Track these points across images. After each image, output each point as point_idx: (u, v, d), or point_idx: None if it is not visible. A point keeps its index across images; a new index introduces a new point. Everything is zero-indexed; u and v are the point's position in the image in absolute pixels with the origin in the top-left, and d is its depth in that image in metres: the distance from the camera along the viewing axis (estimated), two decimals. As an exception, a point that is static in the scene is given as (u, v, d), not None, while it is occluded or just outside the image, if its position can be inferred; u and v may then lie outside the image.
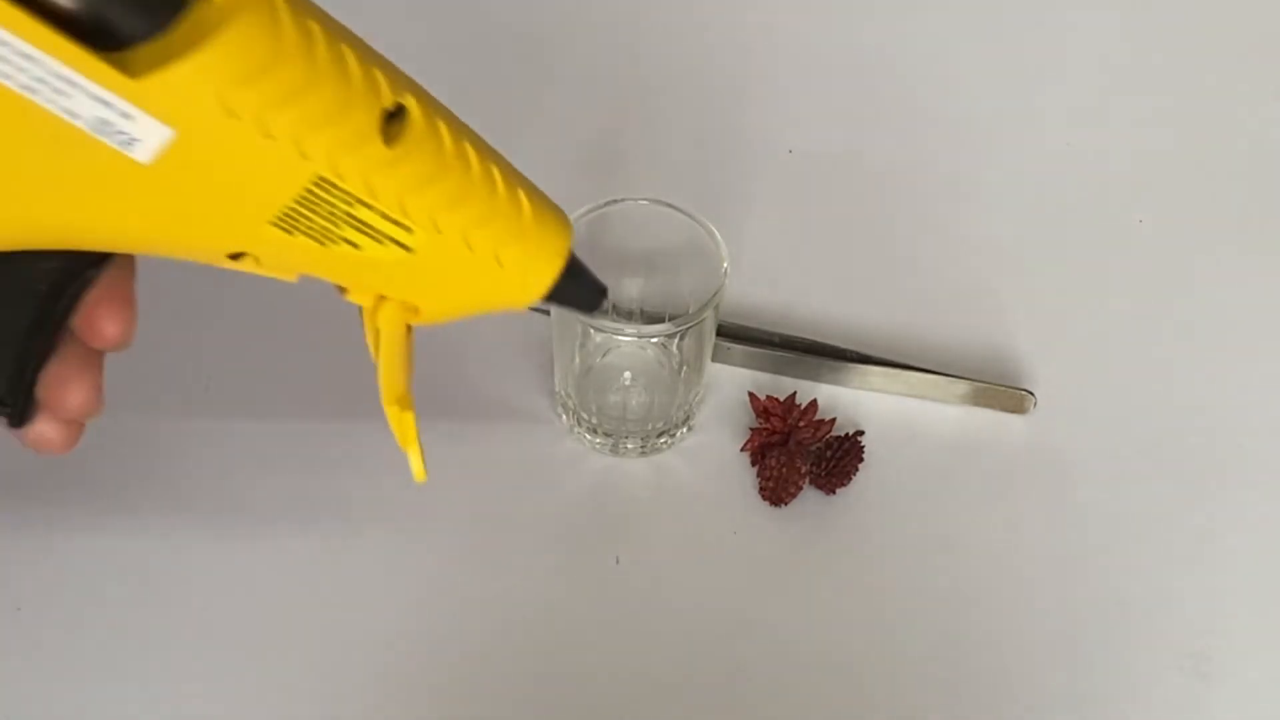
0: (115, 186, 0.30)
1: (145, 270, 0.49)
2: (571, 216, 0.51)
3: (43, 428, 0.36)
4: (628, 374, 0.57)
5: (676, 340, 0.54)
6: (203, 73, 0.28)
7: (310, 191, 0.31)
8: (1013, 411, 0.57)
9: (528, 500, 0.54)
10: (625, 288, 0.56)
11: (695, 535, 0.53)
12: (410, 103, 0.32)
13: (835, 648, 0.50)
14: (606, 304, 0.55)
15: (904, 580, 0.52)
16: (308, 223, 0.32)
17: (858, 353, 0.57)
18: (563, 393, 0.55)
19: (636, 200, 0.52)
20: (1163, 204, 0.66)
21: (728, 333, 0.58)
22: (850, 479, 0.54)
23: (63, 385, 0.35)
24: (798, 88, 0.70)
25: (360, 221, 0.32)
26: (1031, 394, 0.56)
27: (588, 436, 0.55)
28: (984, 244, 0.64)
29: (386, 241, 0.33)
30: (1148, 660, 0.51)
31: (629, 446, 0.55)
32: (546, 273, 0.36)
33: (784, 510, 0.54)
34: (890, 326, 0.59)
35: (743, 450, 0.55)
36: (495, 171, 0.34)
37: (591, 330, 0.53)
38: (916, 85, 0.71)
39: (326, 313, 0.59)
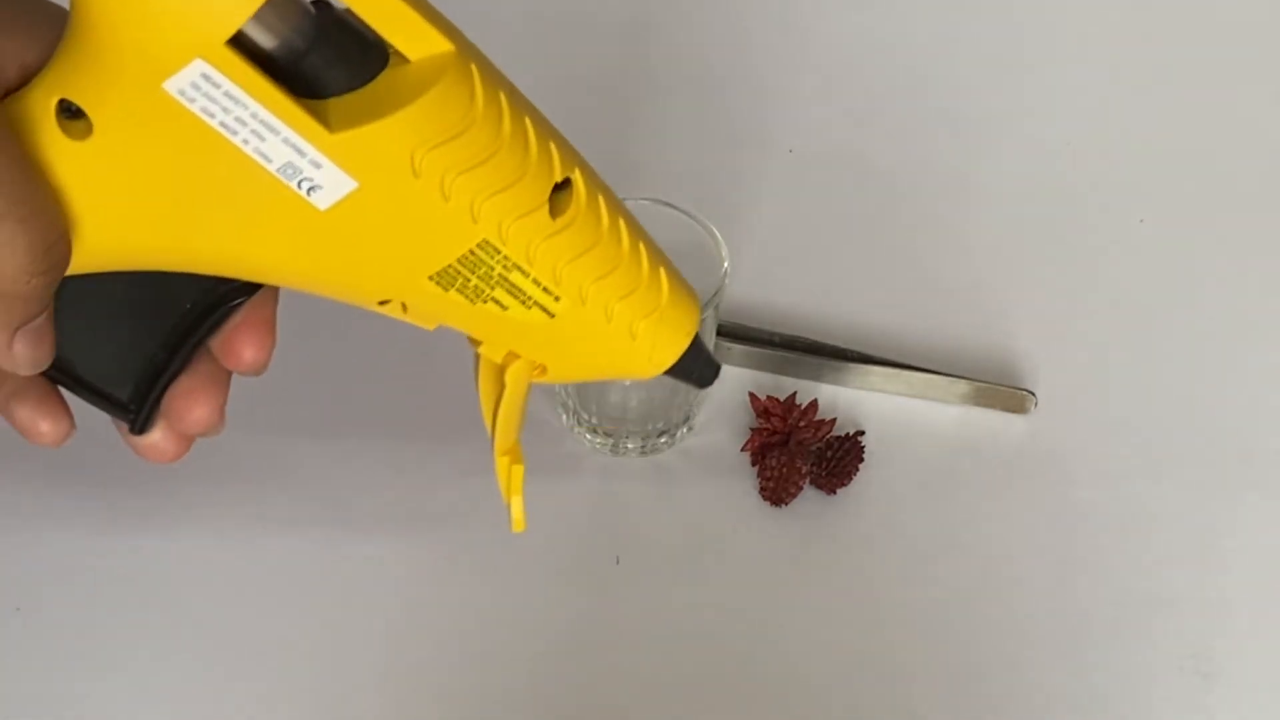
0: (289, 227, 0.31)
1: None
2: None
3: (158, 438, 0.37)
4: None
5: None
6: (398, 133, 0.29)
7: (473, 253, 0.32)
8: (1013, 411, 0.57)
9: (528, 500, 0.54)
10: None
11: (695, 535, 0.53)
12: (577, 177, 0.33)
13: (835, 647, 0.50)
14: None
15: (904, 580, 0.52)
16: (464, 281, 0.33)
17: (858, 353, 0.57)
18: (563, 393, 0.55)
19: (637, 200, 0.52)
20: (1164, 203, 0.66)
21: (728, 333, 0.58)
22: (850, 479, 0.54)
23: (190, 400, 0.36)
24: (798, 88, 0.70)
25: (513, 285, 0.33)
26: (1032, 394, 0.56)
27: (588, 436, 0.55)
28: (984, 244, 0.63)
29: (533, 306, 0.34)
30: (1148, 660, 0.51)
31: (629, 446, 0.55)
32: (673, 348, 0.37)
33: (784, 510, 0.54)
34: (890, 326, 0.59)
35: (743, 450, 0.55)
36: (643, 249, 0.35)
37: None
38: (917, 85, 0.71)
39: (333, 319, 0.59)
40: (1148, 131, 0.69)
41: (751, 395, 0.56)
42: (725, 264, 0.51)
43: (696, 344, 0.38)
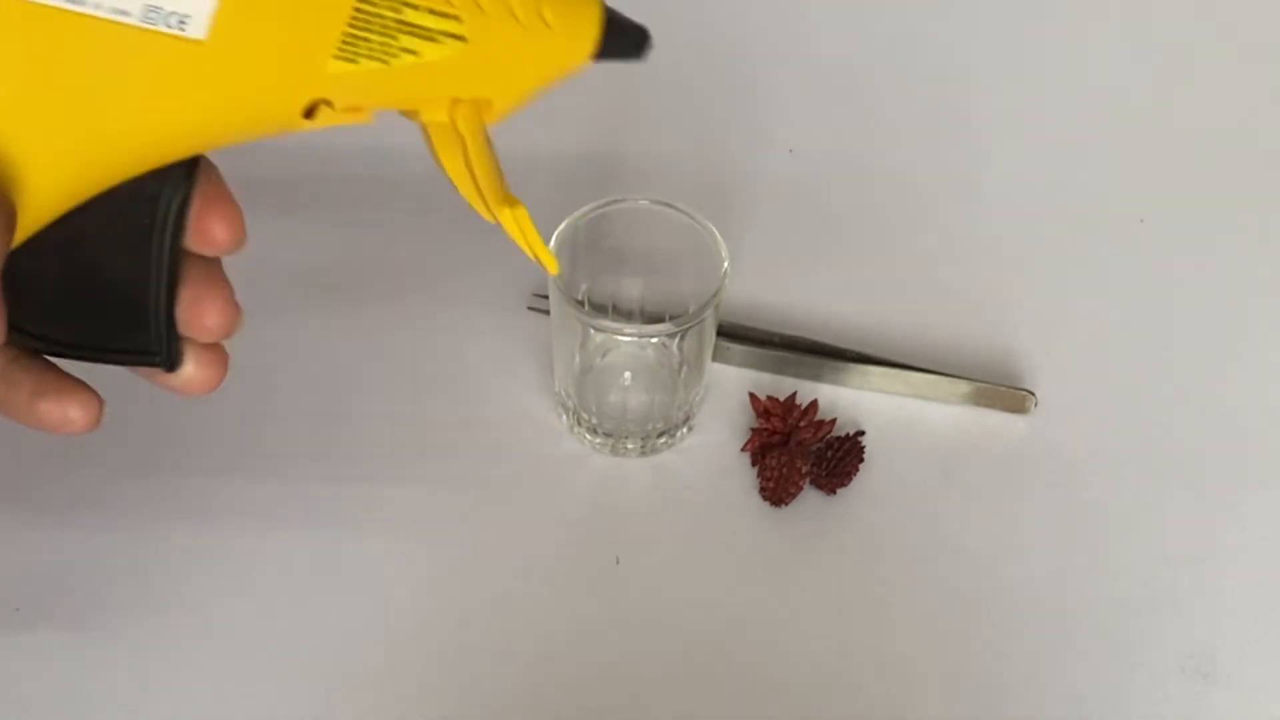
0: (183, 74, 0.30)
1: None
2: (571, 216, 0.52)
3: (190, 370, 0.36)
4: (628, 374, 0.57)
5: (676, 340, 0.54)
6: None
7: (358, 9, 0.32)
8: (1013, 411, 0.57)
9: (528, 500, 0.54)
10: (625, 288, 0.56)
11: (695, 535, 0.53)
12: None
13: (835, 648, 0.50)
14: (606, 302, 0.55)
15: (904, 580, 0.52)
16: (366, 44, 0.32)
17: (858, 353, 0.57)
18: (563, 393, 0.55)
19: (636, 200, 0.52)
20: (1164, 203, 0.66)
21: (728, 333, 0.58)
22: (850, 479, 0.54)
23: (198, 309, 0.35)
24: (798, 88, 0.70)
25: (411, 25, 0.33)
26: (1032, 394, 0.56)
27: (588, 436, 0.55)
28: (984, 244, 0.64)
29: (441, 38, 0.33)
30: (1148, 660, 0.51)
31: (629, 446, 0.55)
32: (590, 22, 0.37)
33: (784, 510, 0.54)
34: (890, 326, 0.59)
35: (743, 450, 0.55)
36: None
37: (591, 330, 0.53)
38: (917, 85, 0.71)
39: (329, 315, 0.59)
40: (1148, 131, 0.69)
41: (751, 395, 0.56)
42: (725, 264, 0.51)
43: (611, 14, 0.37)
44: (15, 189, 0.30)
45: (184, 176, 0.33)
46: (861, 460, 0.54)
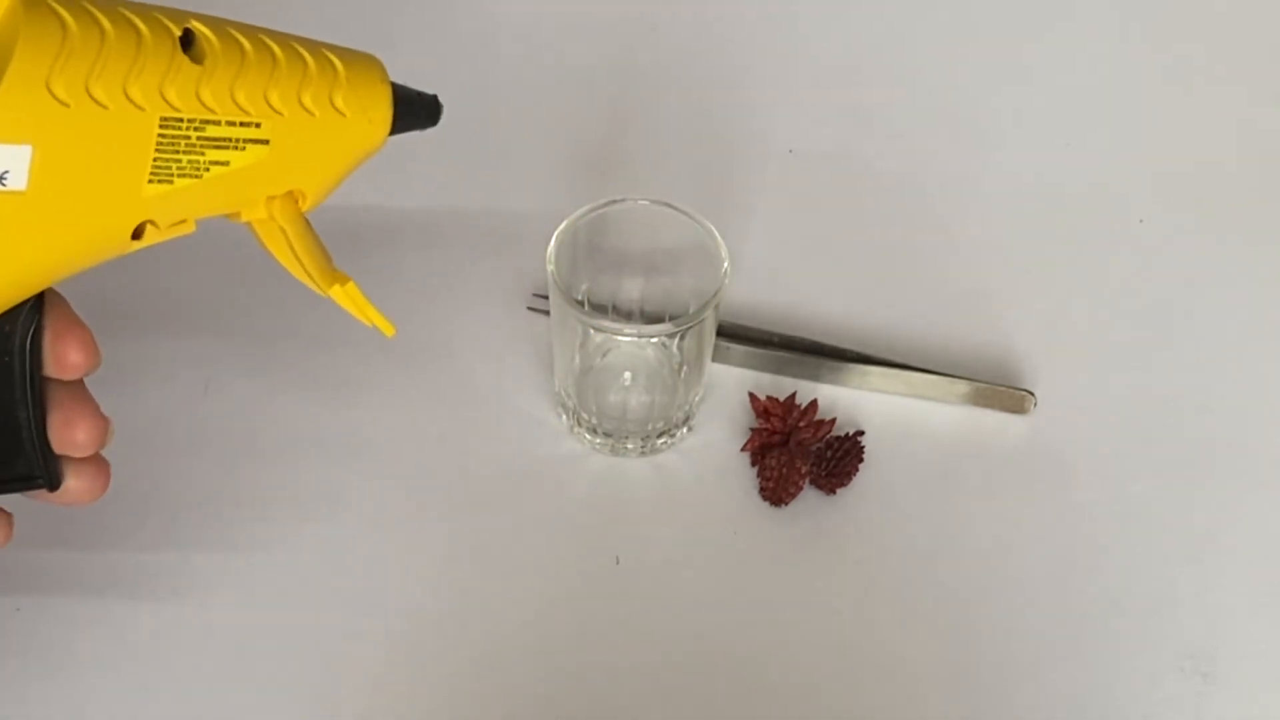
0: (11, 224, 0.32)
1: (144, 276, 0.49)
2: (571, 217, 0.52)
3: (71, 484, 0.38)
4: (628, 374, 0.57)
5: (676, 340, 0.54)
6: (22, 80, 0.31)
7: (162, 135, 0.34)
8: (1013, 412, 0.57)
9: (528, 500, 0.54)
10: (625, 288, 0.56)
11: (695, 535, 0.53)
12: (194, 25, 0.35)
13: (835, 648, 0.50)
14: (606, 302, 0.55)
15: (904, 580, 0.52)
16: (177, 164, 0.34)
17: (858, 353, 0.57)
18: (562, 393, 0.55)
19: (636, 200, 0.52)
20: (1164, 203, 0.66)
21: (728, 333, 0.58)
22: (850, 479, 0.54)
23: (69, 429, 0.37)
24: (798, 88, 0.70)
25: (215, 139, 0.35)
26: (1031, 394, 0.56)
27: (587, 436, 0.55)
28: (984, 244, 0.64)
29: (245, 145, 0.35)
30: (1148, 660, 0.51)
31: (629, 446, 0.55)
32: (380, 104, 0.39)
33: (784, 510, 0.54)
34: (890, 327, 0.59)
35: (743, 450, 0.55)
36: (295, 45, 0.37)
37: (591, 330, 0.53)
38: (916, 85, 0.71)
39: (325, 314, 0.59)
40: (1148, 131, 0.69)
41: (751, 395, 0.56)
42: (725, 264, 0.51)
43: (400, 91, 0.39)
44: None
45: (32, 310, 0.35)
46: (861, 460, 0.54)
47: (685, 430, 0.56)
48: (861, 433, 0.55)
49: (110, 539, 0.52)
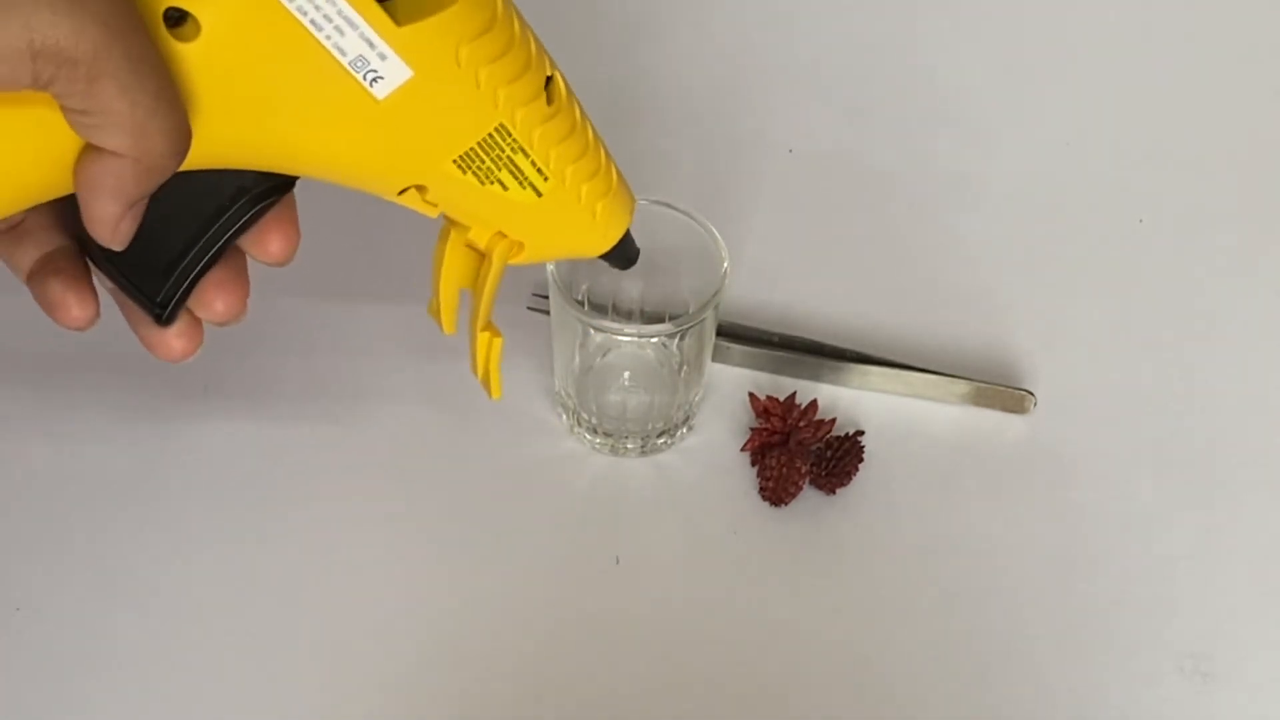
0: (348, 118, 0.35)
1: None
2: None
3: (173, 332, 0.39)
4: (627, 374, 0.57)
5: (676, 340, 0.54)
6: (449, 27, 0.35)
7: (490, 136, 0.38)
8: (1013, 411, 0.57)
9: (528, 500, 0.54)
10: (625, 288, 0.56)
11: (695, 535, 0.53)
12: (557, 74, 0.39)
13: (835, 648, 0.50)
14: (605, 302, 0.55)
15: (904, 580, 0.52)
16: (478, 163, 0.38)
17: (857, 352, 0.57)
18: (563, 393, 0.55)
19: (637, 200, 0.52)
20: (1163, 204, 0.66)
21: (728, 333, 0.58)
22: (850, 479, 0.54)
23: (217, 292, 0.39)
24: (798, 88, 0.70)
25: (516, 166, 0.39)
26: (1031, 394, 0.56)
27: (587, 436, 0.55)
28: (984, 243, 0.64)
29: (527, 186, 0.40)
30: (1148, 660, 0.51)
31: (629, 446, 0.55)
32: (619, 227, 0.44)
33: (784, 510, 0.54)
34: (890, 327, 0.59)
35: (743, 450, 0.55)
36: (600, 142, 0.42)
37: (591, 330, 0.53)
38: (916, 85, 0.71)
39: (324, 317, 0.59)
40: (1148, 131, 0.69)
41: (751, 395, 0.56)
42: (725, 264, 0.51)
43: (629, 233, 0.45)
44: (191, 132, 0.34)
45: (278, 188, 0.38)
46: (861, 460, 0.54)
47: (685, 430, 0.56)
48: (861, 433, 0.55)
49: (110, 539, 0.52)
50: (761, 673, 0.50)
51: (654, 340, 0.56)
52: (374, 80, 0.34)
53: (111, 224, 0.33)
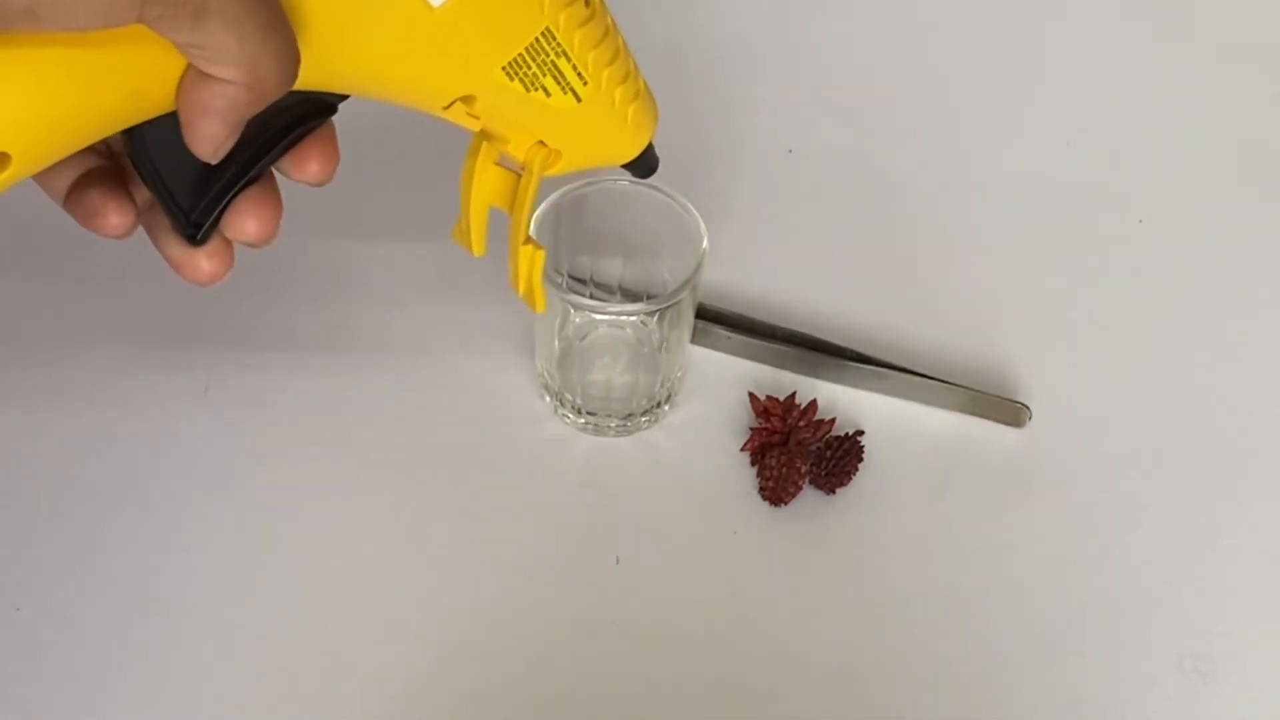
0: (403, 28, 0.36)
1: (145, 276, 0.49)
2: (551, 198, 0.52)
3: (202, 252, 0.39)
4: (608, 356, 0.57)
5: (656, 319, 0.54)
6: None
7: (537, 40, 0.39)
8: (1008, 424, 0.57)
9: (523, 494, 0.54)
10: (605, 268, 0.56)
11: (695, 535, 0.53)
12: None
13: (835, 648, 0.50)
14: (585, 281, 0.57)
15: (904, 580, 0.52)
16: (525, 69, 0.39)
17: (857, 352, 0.57)
18: (545, 375, 0.55)
19: (615, 181, 0.52)
20: (1164, 203, 0.66)
21: (731, 323, 0.58)
22: (850, 479, 0.54)
23: (251, 213, 0.39)
24: (798, 88, 0.70)
25: (559, 71, 0.40)
26: (1026, 407, 0.56)
27: (571, 416, 0.55)
28: (984, 245, 0.64)
29: (568, 91, 0.41)
30: (1148, 660, 0.51)
31: (611, 426, 0.55)
32: (647, 132, 0.45)
33: (784, 510, 0.54)
34: (890, 328, 0.59)
35: (743, 450, 0.55)
36: (627, 47, 0.43)
37: (572, 310, 0.53)
38: (916, 85, 0.71)
39: (324, 318, 0.59)
40: (1148, 131, 0.69)
41: (751, 395, 0.56)
42: (704, 244, 0.51)
43: (651, 142, 0.46)
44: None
45: (323, 112, 0.38)
46: (861, 460, 0.54)
47: (668, 408, 0.56)
48: (861, 433, 0.55)
49: (110, 539, 0.52)
50: (761, 673, 0.50)
51: (634, 319, 0.56)
52: None
53: (217, 143, 0.34)
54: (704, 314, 0.58)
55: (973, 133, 0.69)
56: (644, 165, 0.47)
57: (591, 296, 0.57)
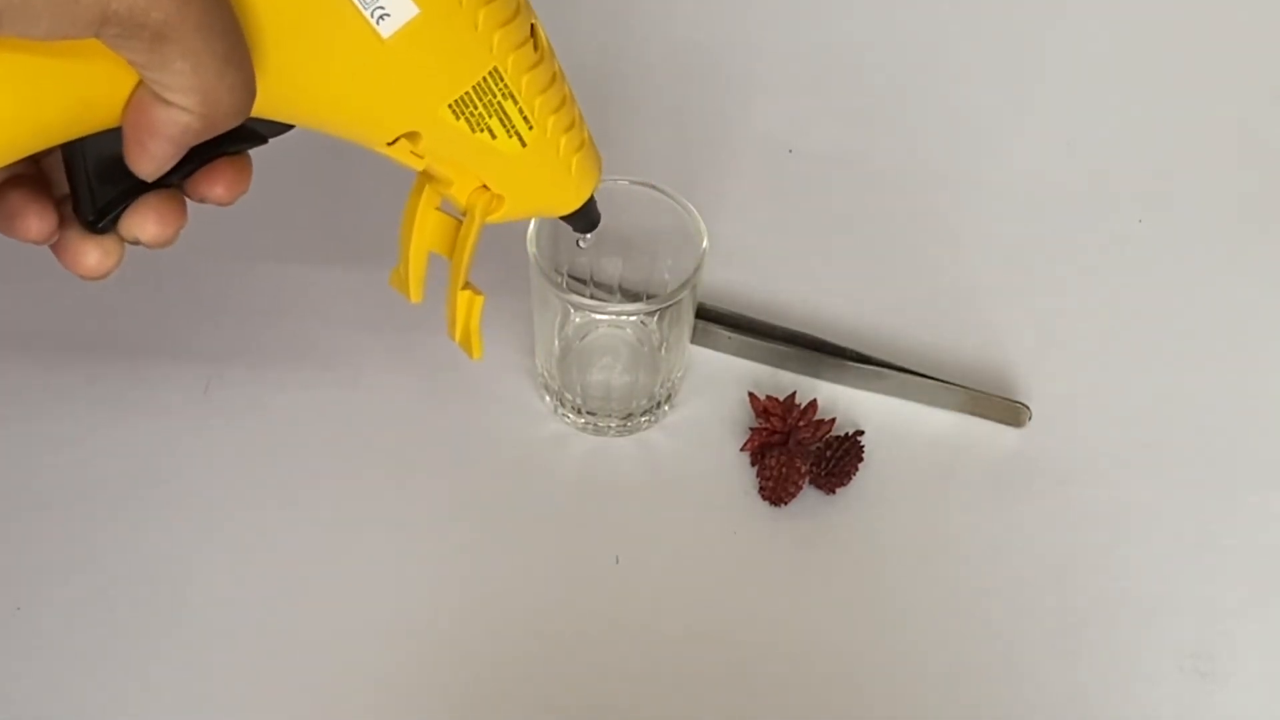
0: (353, 57, 0.36)
1: (145, 277, 0.49)
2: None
3: (92, 249, 0.38)
4: (608, 356, 0.57)
5: (656, 319, 0.54)
6: None
7: (484, 80, 0.38)
8: (1008, 424, 0.57)
9: (523, 492, 0.54)
10: (605, 267, 0.56)
11: (695, 535, 0.53)
12: (538, 24, 0.40)
13: (835, 647, 0.50)
14: (585, 281, 0.56)
15: (903, 580, 0.52)
16: (471, 109, 0.39)
17: (857, 352, 0.57)
18: (545, 374, 0.55)
19: (616, 180, 0.52)
20: (1163, 203, 0.66)
21: (731, 322, 0.58)
22: (850, 479, 0.54)
23: (155, 212, 0.38)
24: (798, 88, 0.70)
25: (505, 113, 0.40)
26: (1027, 407, 0.56)
27: (571, 416, 0.55)
28: (984, 245, 0.64)
29: (513, 134, 0.41)
30: (1148, 660, 0.51)
31: (611, 426, 0.55)
32: (589, 185, 0.45)
33: (784, 510, 0.54)
34: (890, 328, 0.59)
35: (743, 450, 0.55)
36: (573, 96, 0.43)
37: (572, 310, 0.53)
38: (916, 85, 0.71)
39: (323, 320, 0.59)
40: (1148, 131, 0.69)
41: (751, 395, 0.56)
42: (704, 244, 0.51)
43: (592, 195, 0.46)
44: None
45: (254, 141, 0.38)
46: (861, 460, 0.54)
47: (667, 408, 0.56)
48: (861, 432, 0.55)
49: (110, 539, 0.52)
50: (761, 672, 0.50)
51: (634, 319, 0.56)
52: (381, 18, 0.35)
53: (159, 164, 0.33)
54: (704, 314, 0.58)
55: (973, 133, 0.69)
56: (585, 218, 0.47)
57: (591, 296, 0.57)
